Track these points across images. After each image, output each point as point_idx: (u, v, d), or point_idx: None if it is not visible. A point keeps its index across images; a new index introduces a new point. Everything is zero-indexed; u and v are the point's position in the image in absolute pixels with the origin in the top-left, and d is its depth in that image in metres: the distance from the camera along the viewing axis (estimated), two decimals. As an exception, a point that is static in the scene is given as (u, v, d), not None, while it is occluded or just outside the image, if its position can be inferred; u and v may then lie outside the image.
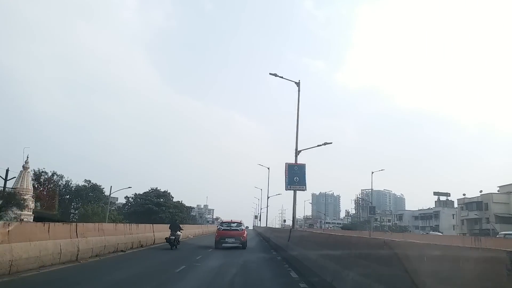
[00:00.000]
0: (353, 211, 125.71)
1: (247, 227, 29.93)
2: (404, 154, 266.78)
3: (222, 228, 22.81)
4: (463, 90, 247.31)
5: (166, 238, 18.44)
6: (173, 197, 63.19)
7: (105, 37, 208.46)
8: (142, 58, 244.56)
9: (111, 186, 48.74)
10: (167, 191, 64.52)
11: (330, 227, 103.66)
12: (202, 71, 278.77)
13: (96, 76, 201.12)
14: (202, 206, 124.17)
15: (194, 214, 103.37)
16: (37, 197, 41.00)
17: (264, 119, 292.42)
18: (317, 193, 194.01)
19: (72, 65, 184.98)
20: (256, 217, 72.32)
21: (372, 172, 55.97)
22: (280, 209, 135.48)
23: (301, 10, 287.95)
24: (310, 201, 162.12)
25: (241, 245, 21.15)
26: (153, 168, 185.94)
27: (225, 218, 36.22)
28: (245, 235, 21.99)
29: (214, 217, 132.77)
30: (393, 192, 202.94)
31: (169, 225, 20.46)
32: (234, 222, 23.23)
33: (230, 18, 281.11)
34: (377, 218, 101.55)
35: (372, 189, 61.02)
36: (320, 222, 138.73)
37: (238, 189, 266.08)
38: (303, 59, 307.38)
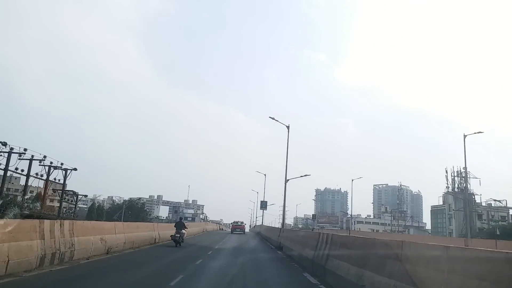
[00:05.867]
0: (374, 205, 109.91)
1: (245, 224, 56.70)
2: (407, 153, 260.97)
3: (234, 224, 51.92)
4: (469, 92, 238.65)
5: (171, 236, 21.33)
6: None
7: (94, 22, 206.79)
8: (133, 44, 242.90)
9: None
10: None
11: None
12: (197, 63, 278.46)
13: (84, 66, 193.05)
14: (190, 202, 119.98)
15: (139, 199, 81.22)
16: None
17: (260, 115, 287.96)
18: (322, 188, 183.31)
19: (59, 53, 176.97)
20: (262, 203, 63.24)
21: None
22: (281, 205, 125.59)
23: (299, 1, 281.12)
24: (314, 198, 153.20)
25: (242, 232, 48.79)
26: (142, 163, 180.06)
27: (212, 216, 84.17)
28: (244, 228, 53.11)
29: (202, 212, 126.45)
30: (410, 189, 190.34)
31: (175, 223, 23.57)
32: (239, 221, 52.20)
33: (229, 7, 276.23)
34: (481, 214, 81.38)
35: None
36: (347, 221, 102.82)
37: (231, 186, 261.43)
38: (305, 50, 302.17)
